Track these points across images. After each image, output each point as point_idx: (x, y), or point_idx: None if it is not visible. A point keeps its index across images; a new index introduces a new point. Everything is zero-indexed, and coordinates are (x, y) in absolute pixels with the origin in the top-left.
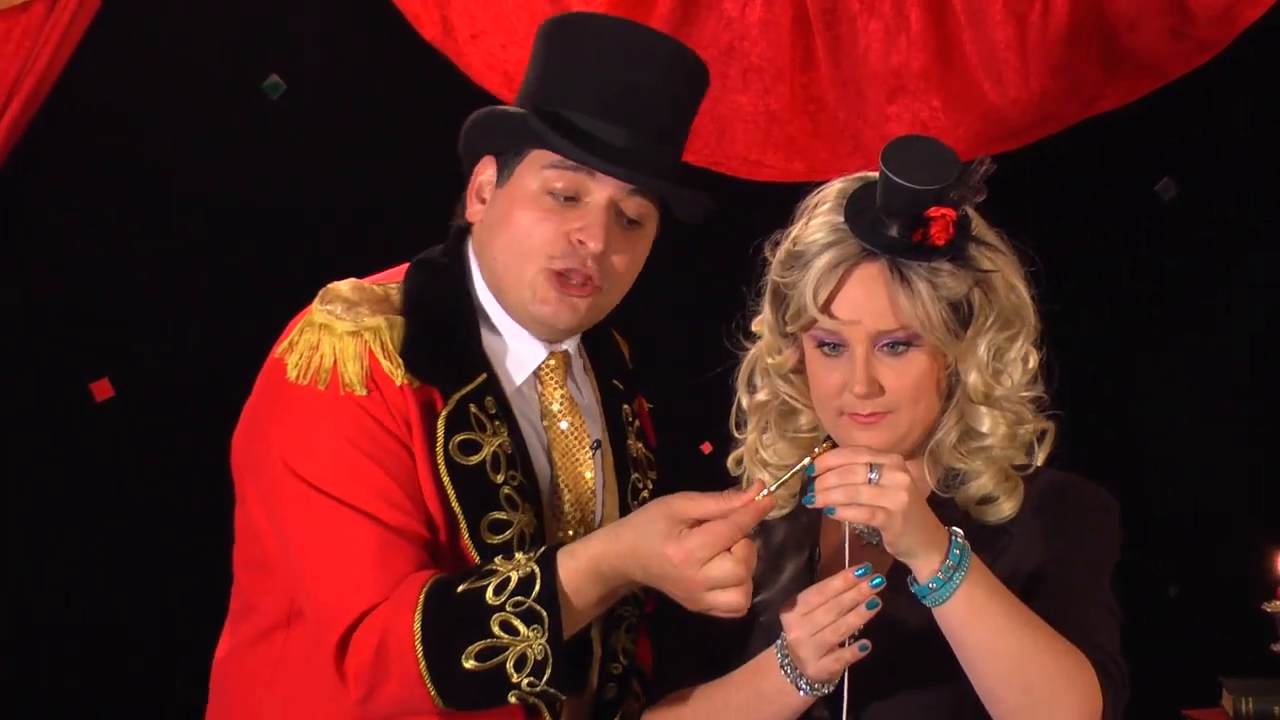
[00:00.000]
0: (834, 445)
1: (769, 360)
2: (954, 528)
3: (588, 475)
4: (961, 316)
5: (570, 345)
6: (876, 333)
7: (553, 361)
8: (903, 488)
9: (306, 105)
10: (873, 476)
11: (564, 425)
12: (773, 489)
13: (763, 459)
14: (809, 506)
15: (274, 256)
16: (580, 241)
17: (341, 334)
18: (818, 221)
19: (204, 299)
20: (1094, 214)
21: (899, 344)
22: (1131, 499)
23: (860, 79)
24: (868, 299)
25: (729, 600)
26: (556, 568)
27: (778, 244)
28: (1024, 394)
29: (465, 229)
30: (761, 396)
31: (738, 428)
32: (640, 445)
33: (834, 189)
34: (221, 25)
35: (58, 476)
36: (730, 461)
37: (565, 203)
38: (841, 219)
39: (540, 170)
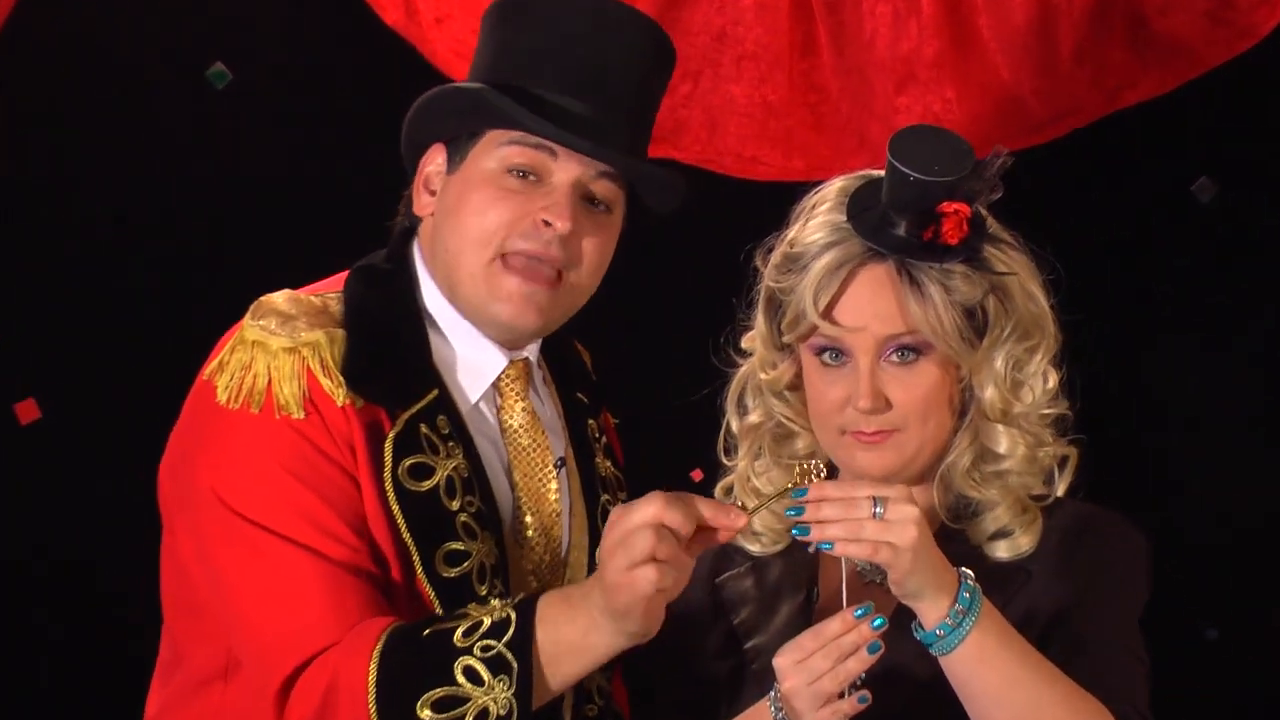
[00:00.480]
0: (826, 467)
1: (762, 376)
2: (964, 568)
3: (552, 497)
4: (976, 324)
5: (531, 353)
6: (884, 338)
7: (513, 371)
8: (911, 521)
9: (256, 96)
10: (877, 510)
11: (525, 441)
12: (751, 511)
13: (755, 488)
14: (800, 539)
15: (221, 260)
16: (545, 223)
17: (277, 351)
18: (817, 221)
19: (143, 307)
20: (1124, 217)
21: (908, 350)
22: (1161, 528)
23: (866, 67)
24: (874, 303)
25: (646, 575)
26: (535, 614)
27: (771, 250)
28: (1044, 412)
29: (410, 231)
30: (754, 418)
31: (727, 454)
32: (609, 464)
33: (834, 187)
34: (163, 8)
35: None
36: (718, 491)
37: (526, 182)
38: (844, 218)
39: (498, 149)
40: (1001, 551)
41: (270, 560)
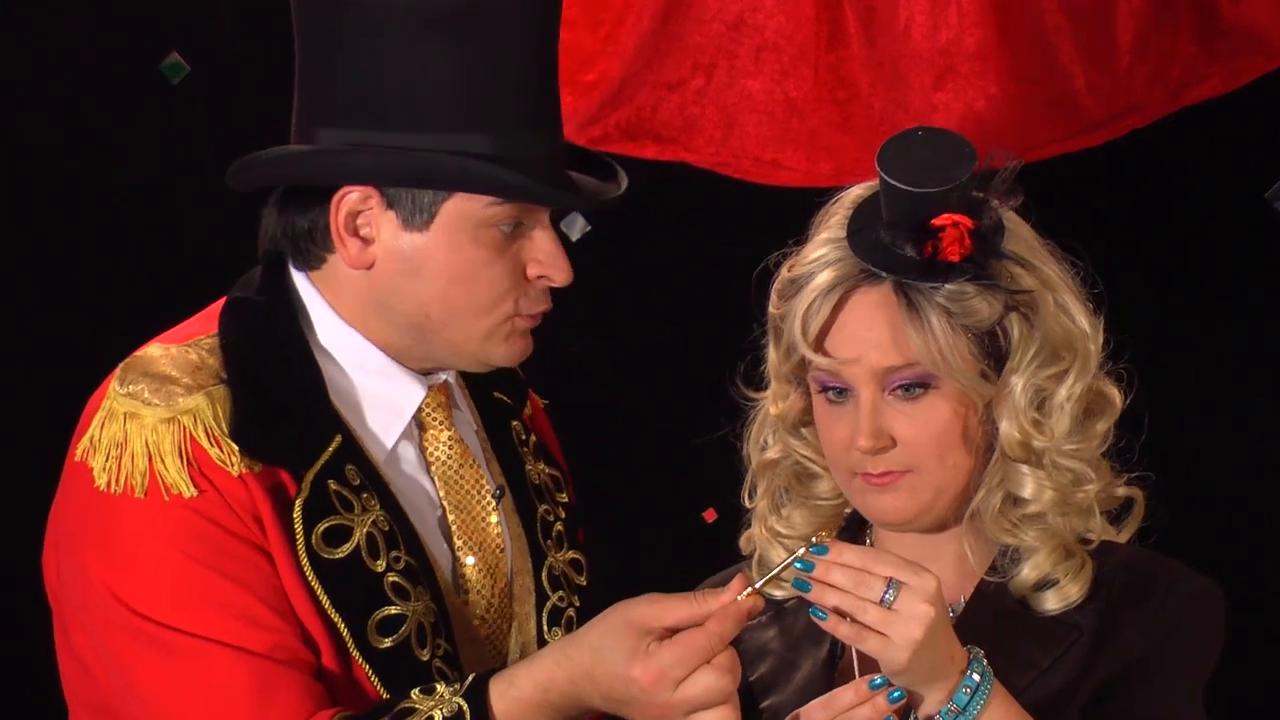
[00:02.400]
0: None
1: (772, 410)
2: (973, 660)
3: (494, 531)
4: (991, 350)
5: (450, 374)
6: (882, 371)
7: (433, 400)
8: (920, 622)
9: (215, 90)
10: (888, 595)
11: (455, 475)
12: (757, 587)
13: (775, 530)
14: (800, 594)
15: (177, 264)
16: (540, 276)
17: (153, 424)
18: (820, 238)
19: (81, 323)
20: (1190, 229)
21: (913, 386)
22: (1235, 583)
23: (901, 59)
24: (867, 331)
25: None
26: (490, 704)
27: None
28: (1070, 446)
29: (280, 258)
30: (771, 454)
31: (749, 495)
32: (541, 466)
33: (848, 197)
34: None
35: None
36: (742, 542)
37: (505, 235)
38: (845, 234)
39: (480, 210)
40: (1050, 603)
41: (187, 664)
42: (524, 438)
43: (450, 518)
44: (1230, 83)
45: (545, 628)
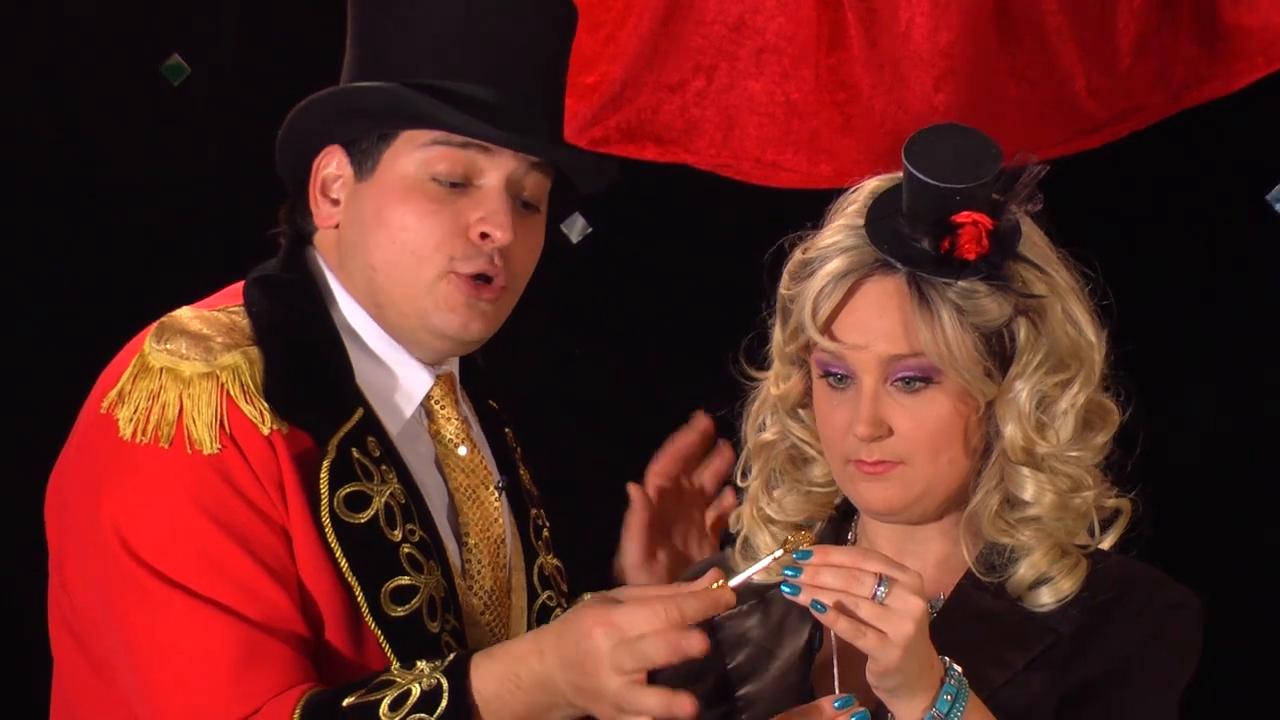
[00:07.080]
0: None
1: (773, 390)
2: (951, 668)
3: (498, 521)
4: (997, 351)
5: (453, 366)
6: (887, 359)
7: (440, 388)
8: (912, 616)
9: (217, 91)
10: (880, 591)
11: (465, 463)
12: (734, 583)
13: (766, 515)
14: (789, 597)
15: (177, 270)
16: (483, 235)
17: (191, 378)
18: (836, 224)
19: (80, 323)
20: (1192, 231)
21: (914, 379)
22: (1222, 599)
23: (901, 61)
24: (877, 319)
25: (651, 702)
26: (470, 680)
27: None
28: (1072, 453)
29: (302, 238)
30: (768, 436)
31: (742, 475)
32: (527, 475)
33: (866, 188)
34: None
35: None
36: (730, 517)
37: (452, 189)
38: (863, 222)
39: (418, 151)
40: (1045, 598)
41: (178, 621)
42: (514, 445)
43: (457, 500)
44: (1232, 84)
45: (535, 625)
